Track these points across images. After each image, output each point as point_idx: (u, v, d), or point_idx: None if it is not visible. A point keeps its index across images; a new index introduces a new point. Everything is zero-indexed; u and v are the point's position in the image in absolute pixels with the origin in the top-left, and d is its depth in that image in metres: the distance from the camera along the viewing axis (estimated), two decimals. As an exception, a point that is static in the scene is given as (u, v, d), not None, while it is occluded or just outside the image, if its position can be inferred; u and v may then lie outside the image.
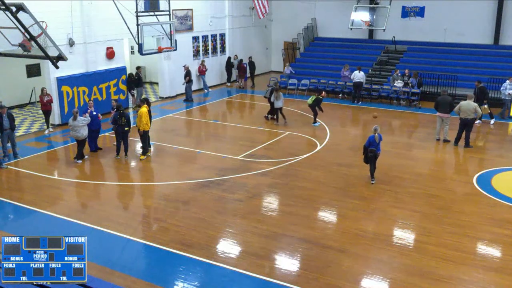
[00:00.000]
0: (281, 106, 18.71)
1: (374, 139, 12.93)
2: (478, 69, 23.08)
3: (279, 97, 18.53)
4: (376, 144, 12.95)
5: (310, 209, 11.74)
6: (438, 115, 16.64)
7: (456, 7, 24.40)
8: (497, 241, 10.25)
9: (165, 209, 11.77)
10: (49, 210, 11.69)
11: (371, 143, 12.95)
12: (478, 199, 12.29)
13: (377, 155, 13.11)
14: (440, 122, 16.64)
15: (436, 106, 16.65)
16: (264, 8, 26.14)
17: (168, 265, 9.40)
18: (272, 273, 9.08)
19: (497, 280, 8.90)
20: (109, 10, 16.84)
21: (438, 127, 16.79)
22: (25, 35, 9.00)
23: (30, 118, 19.72)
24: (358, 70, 22.28)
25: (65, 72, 17.93)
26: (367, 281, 8.88)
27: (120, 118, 14.75)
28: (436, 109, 16.64)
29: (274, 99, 18.65)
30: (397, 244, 10.17)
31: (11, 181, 13.76)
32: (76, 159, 14.81)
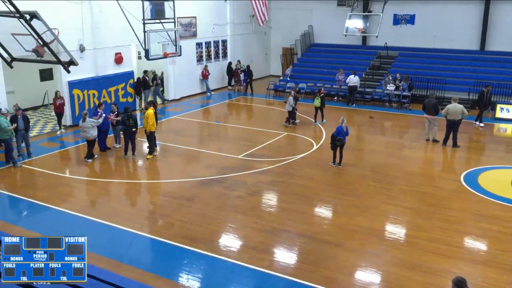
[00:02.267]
0: (289, 110, 18.33)
1: (342, 129, 13.79)
2: (465, 73, 23.05)
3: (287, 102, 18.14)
4: (343, 133, 13.81)
5: (307, 205, 11.70)
6: (425, 117, 16.72)
7: (444, 15, 24.39)
8: (484, 236, 10.22)
9: (170, 206, 11.74)
10: (61, 207, 11.66)
11: (339, 132, 13.84)
12: (466, 196, 12.27)
13: (344, 143, 13.97)
14: (428, 123, 16.66)
15: (423, 108, 16.78)
16: (263, 15, 26.08)
17: (173, 258, 9.37)
18: (271, 266, 9.05)
19: (484, 272, 8.87)
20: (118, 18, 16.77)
21: (426, 128, 16.79)
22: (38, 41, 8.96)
23: (43, 120, 19.68)
24: (354, 75, 22.26)
25: (76, 76, 17.91)
26: (361, 274, 8.85)
27: (128, 120, 14.73)
28: (423, 111, 16.71)
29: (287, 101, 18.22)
30: (389, 239, 10.14)
31: (25, 179, 13.73)
32: (86, 158, 14.77)
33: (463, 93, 21.23)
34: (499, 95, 21.03)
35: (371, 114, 16.59)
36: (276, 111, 21.57)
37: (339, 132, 13.82)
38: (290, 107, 18.23)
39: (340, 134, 13.83)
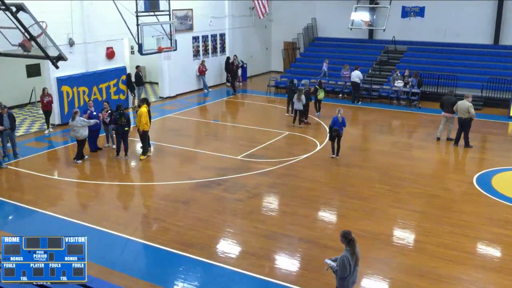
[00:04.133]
0: (300, 109, 18.33)
1: (338, 119, 14.47)
2: (478, 69, 23.08)
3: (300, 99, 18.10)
4: (339, 124, 14.50)
5: (310, 209, 11.74)
6: (443, 115, 16.72)
7: (456, 7, 24.39)
8: (497, 241, 10.25)
9: (165, 209, 11.77)
10: (49, 210, 11.69)
11: (335, 123, 14.54)
12: (478, 199, 12.29)
13: (340, 134, 14.68)
14: (444, 121, 16.70)
15: (440, 106, 16.77)
16: (264, 8, 26.12)
17: (168, 265, 9.40)
18: (272, 273, 9.08)
19: (496, 280, 8.90)
20: (109, 10, 16.82)
21: (441, 126, 16.80)
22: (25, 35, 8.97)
23: (30, 118, 19.72)
24: (356, 70, 22.28)
25: (65, 72, 17.92)
26: (367, 281, 8.88)
27: (120, 118, 14.76)
28: (441, 109, 16.73)
29: (296, 100, 18.19)
30: (397, 244, 10.17)
31: (11, 181, 13.76)
32: (76, 159, 14.80)
33: (476, 90, 21.28)
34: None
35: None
36: (277, 109, 21.61)
37: (335, 122, 14.55)
38: (301, 106, 18.17)
39: (336, 125, 14.52)
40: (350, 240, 7.05)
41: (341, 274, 7.07)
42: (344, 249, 7.11)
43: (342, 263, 7.00)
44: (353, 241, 7.07)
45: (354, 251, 7.05)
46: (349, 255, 7.01)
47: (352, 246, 7.04)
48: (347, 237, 7.06)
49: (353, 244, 7.06)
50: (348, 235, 7.08)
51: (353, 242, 7.07)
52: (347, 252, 7.04)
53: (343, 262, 6.98)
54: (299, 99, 18.05)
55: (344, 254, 7.03)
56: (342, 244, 7.12)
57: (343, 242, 7.12)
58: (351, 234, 7.12)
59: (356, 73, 22.14)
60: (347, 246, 7.07)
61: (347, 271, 7.01)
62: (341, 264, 7.01)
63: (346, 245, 7.08)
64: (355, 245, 7.09)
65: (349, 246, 7.05)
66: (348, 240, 7.05)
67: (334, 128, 14.55)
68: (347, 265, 6.97)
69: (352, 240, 7.06)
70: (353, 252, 7.04)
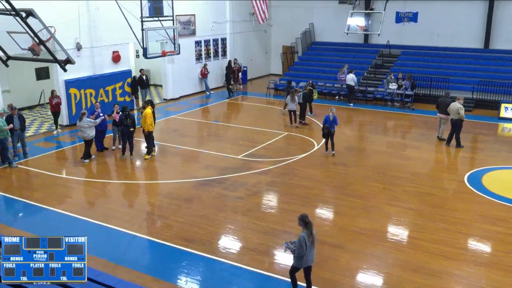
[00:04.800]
0: (294, 109, 18.33)
1: (329, 118, 14.79)
2: (469, 72, 23.05)
3: (294, 100, 18.11)
4: (331, 122, 14.77)
5: (308, 206, 11.70)
6: (438, 116, 16.79)
7: (448, 13, 24.40)
8: (488, 238, 10.23)
9: (168, 207, 11.75)
10: (58, 208, 11.67)
11: (327, 121, 14.88)
12: (470, 197, 12.27)
13: (331, 131, 14.88)
14: (440, 121, 16.74)
15: (437, 107, 16.85)
16: (264, 13, 26.09)
17: (172, 260, 9.39)
18: (271, 268, 9.07)
19: (487, 274, 8.88)
20: (115, 16, 16.77)
21: (438, 126, 16.91)
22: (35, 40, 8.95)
23: (40, 119, 19.69)
24: (350, 73, 22.29)
25: (72, 75, 17.93)
26: (363, 276, 8.86)
27: (126, 119, 14.74)
28: (437, 110, 16.80)
29: (289, 101, 18.19)
30: (392, 240, 10.15)
31: (21, 180, 13.74)
32: (83, 158, 14.79)
33: (467, 92, 21.28)
34: (504, 94, 21.08)
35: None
36: (276, 111, 21.58)
37: (326, 120, 14.89)
38: (294, 107, 18.18)
39: (327, 123, 14.84)
40: (307, 223, 7.56)
41: (297, 253, 7.58)
42: (302, 231, 7.62)
43: (299, 242, 7.52)
44: (310, 223, 7.58)
45: (311, 232, 7.57)
46: (306, 236, 7.51)
47: (309, 228, 7.56)
48: (304, 220, 7.58)
49: (310, 227, 7.58)
50: (305, 218, 7.60)
51: (310, 225, 7.58)
52: (304, 233, 7.54)
53: (299, 242, 7.51)
54: (293, 100, 18.10)
55: (302, 235, 7.54)
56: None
57: (301, 224, 7.63)
58: (308, 217, 7.65)
59: (351, 76, 22.15)
60: (304, 228, 7.59)
61: (304, 250, 7.52)
62: (298, 243, 7.53)
63: (304, 227, 7.59)
64: (312, 228, 7.61)
65: (306, 228, 7.57)
66: (305, 222, 7.57)
67: (325, 126, 14.92)
68: (303, 244, 7.48)
69: (309, 223, 7.57)
70: (310, 233, 7.55)
